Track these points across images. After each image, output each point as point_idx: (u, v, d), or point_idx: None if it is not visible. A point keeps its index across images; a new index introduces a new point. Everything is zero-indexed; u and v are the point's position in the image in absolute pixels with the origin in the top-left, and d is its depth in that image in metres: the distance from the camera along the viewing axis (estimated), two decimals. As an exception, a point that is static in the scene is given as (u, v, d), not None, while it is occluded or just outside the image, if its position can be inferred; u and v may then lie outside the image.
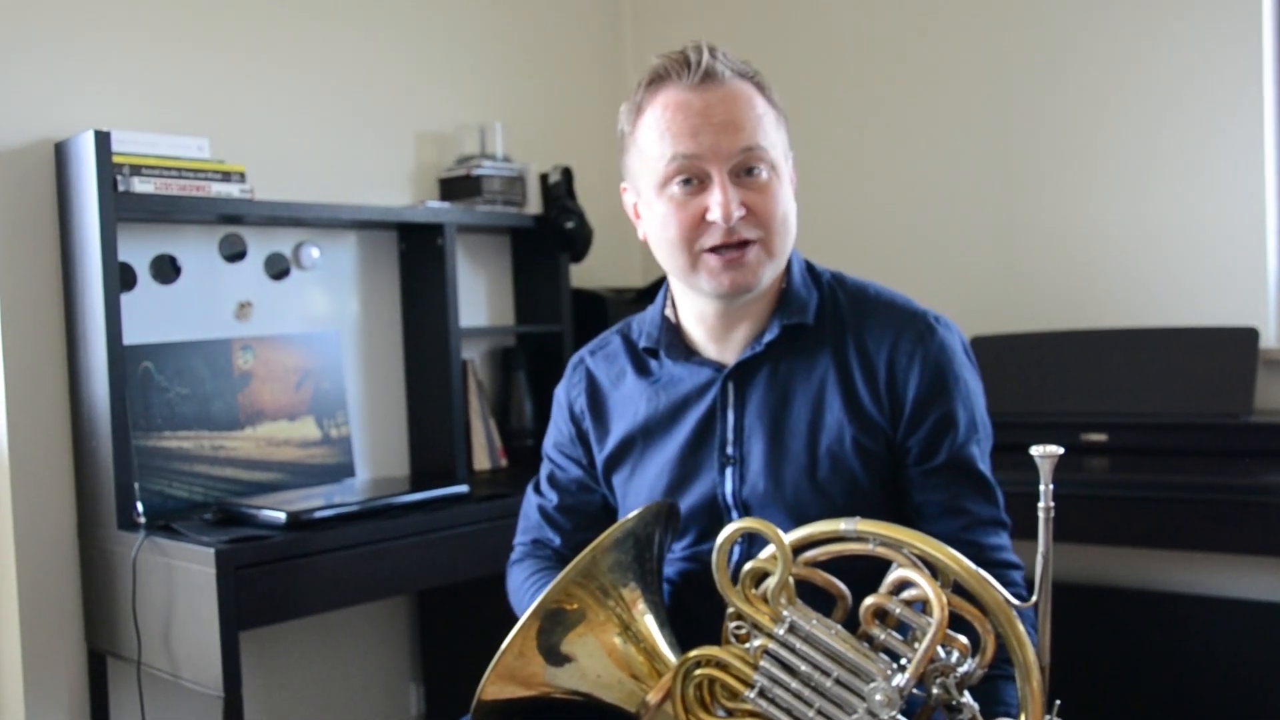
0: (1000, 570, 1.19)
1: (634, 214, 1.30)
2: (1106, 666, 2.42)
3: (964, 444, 1.21)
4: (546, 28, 3.07)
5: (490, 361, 2.87)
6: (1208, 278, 2.43)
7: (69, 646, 2.13)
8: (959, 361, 1.23)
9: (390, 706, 2.71)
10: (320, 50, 2.56)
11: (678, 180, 1.19)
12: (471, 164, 2.70)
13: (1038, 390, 2.42)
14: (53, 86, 2.13)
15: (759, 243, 1.19)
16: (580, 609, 1.09)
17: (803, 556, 1.05)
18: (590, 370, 1.39)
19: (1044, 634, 0.98)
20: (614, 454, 1.34)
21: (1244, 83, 2.37)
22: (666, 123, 1.19)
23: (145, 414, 2.15)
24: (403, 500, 2.13)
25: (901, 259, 2.84)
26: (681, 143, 1.17)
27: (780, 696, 1.01)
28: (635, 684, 1.09)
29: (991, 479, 1.24)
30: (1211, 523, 1.99)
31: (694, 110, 1.17)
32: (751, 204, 1.18)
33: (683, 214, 1.19)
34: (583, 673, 1.10)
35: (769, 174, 1.20)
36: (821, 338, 1.26)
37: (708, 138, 1.17)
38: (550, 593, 1.07)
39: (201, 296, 2.32)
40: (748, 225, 1.18)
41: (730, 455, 1.26)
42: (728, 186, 1.17)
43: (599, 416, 1.36)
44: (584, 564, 1.08)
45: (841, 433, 1.22)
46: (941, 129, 2.80)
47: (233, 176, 2.20)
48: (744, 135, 1.17)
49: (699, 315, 1.28)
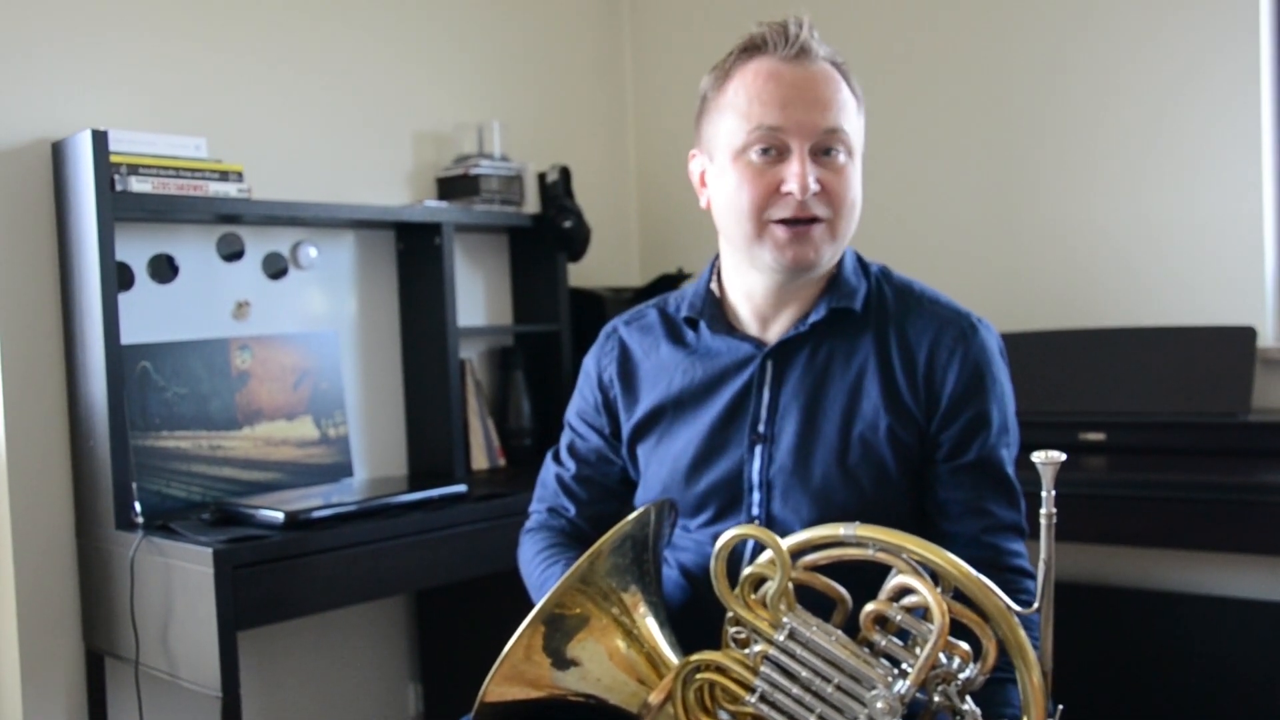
0: (1014, 577, 1.20)
1: (700, 182, 1.30)
2: (1105, 666, 2.42)
3: (995, 445, 1.22)
4: (544, 27, 3.07)
5: (488, 361, 2.86)
6: (1205, 277, 2.44)
7: (67, 646, 2.13)
8: (996, 364, 1.25)
9: (389, 706, 2.71)
10: (318, 49, 2.55)
11: (757, 148, 1.20)
12: (469, 163, 2.70)
13: (1036, 389, 2.42)
14: (50, 86, 2.13)
15: (826, 222, 1.21)
16: (581, 613, 1.09)
17: (802, 561, 1.05)
18: (624, 339, 1.40)
19: (1046, 640, 0.98)
20: (641, 423, 1.34)
21: (1242, 81, 2.38)
22: (757, 90, 1.19)
23: (143, 414, 2.15)
24: (401, 500, 2.13)
25: (900, 258, 2.81)
26: (770, 113, 1.18)
27: (781, 701, 1.01)
28: (637, 685, 1.09)
29: (1016, 484, 1.25)
30: (1209, 522, 1.99)
31: (785, 82, 1.19)
32: (826, 183, 1.19)
33: (759, 181, 1.20)
34: (584, 675, 1.10)
35: (845, 158, 1.22)
36: (865, 326, 1.26)
37: (795, 112, 1.18)
38: (550, 598, 1.07)
39: (199, 296, 2.31)
40: (819, 202, 1.19)
41: (762, 433, 1.26)
42: (806, 161, 1.18)
43: (629, 385, 1.37)
44: (583, 569, 1.08)
45: (876, 420, 1.22)
46: (939, 128, 2.80)
47: (230, 176, 2.19)
48: (830, 115, 1.19)
49: (747, 292, 1.29)
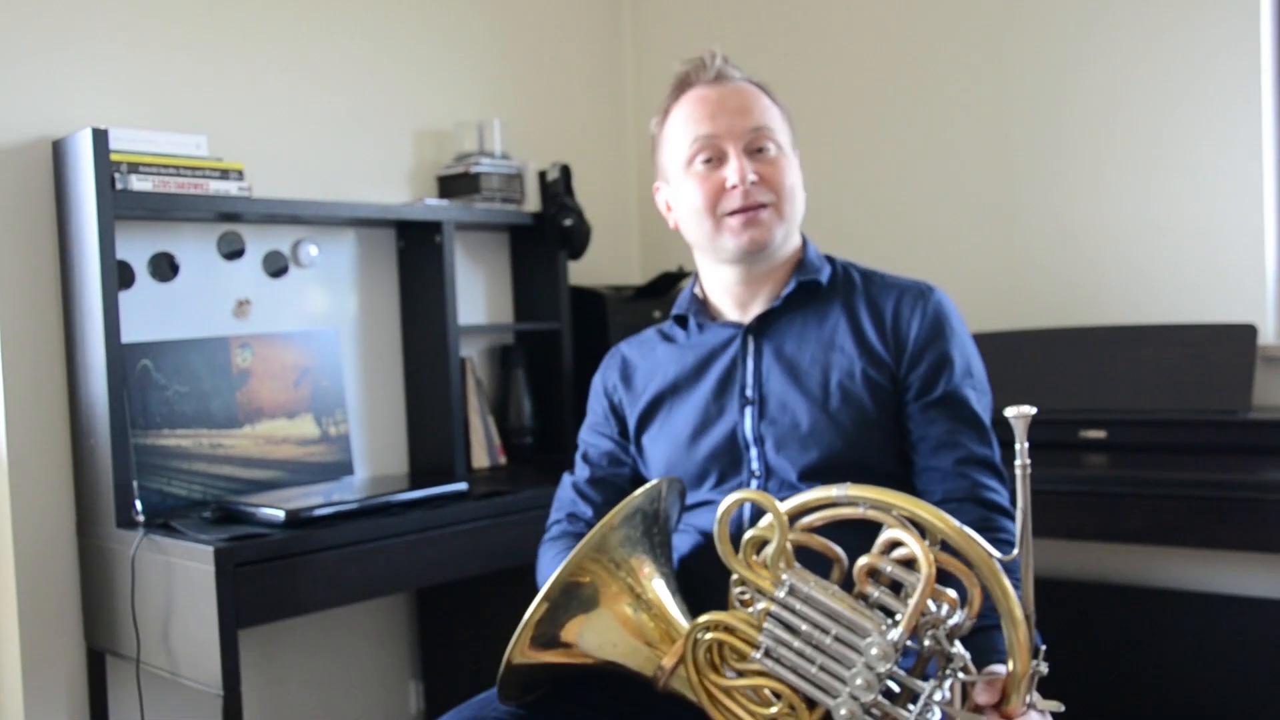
0: (992, 514, 1.30)
1: (666, 209, 1.50)
2: (1105, 662, 2.42)
3: (959, 384, 1.36)
4: (545, 25, 3.07)
5: (489, 359, 2.86)
6: (1206, 274, 2.43)
7: (68, 645, 2.13)
8: (955, 319, 1.41)
9: (389, 704, 2.71)
10: (319, 47, 2.55)
11: (700, 158, 1.40)
12: (470, 161, 2.70)
13: (1036, 387, 2.42)
14: (50, 84, 2.13)
15: (771, 206, 1.39)
16: (594, 582, 1.16)
17: (799, 523, 1.11)
18: (624, 353, 1.58)
19: (1027, 585, 1.03)
20: (645, 413, 1.50)
21: (1243, 79, 2.37)
22: (689, 114, 1.42)
23: (144, 412, 2.15)
24: (401, 498, 2.13)
25: (900, 256, 2.83)
26: (703, 125, 1.40)
27: (784, 655, 1.07)
28: (650, 650, 1.16)
29: (987, 425, 1.37)
30: (1210, 519, 1.99)
31: (711, 100, 1.41)
32: (763, 173, 1.39)
33: (707, 184, 1.40)
34: (600, 642, 1.17)
35: (777, 152, 1.41)
36: (833, 296, 1.45)
37: (723, 120, 1.39)
38: (567, 566, 1.14)
39: (200, 294, 2.31)
40: (761, 190, 1.38)
41: (749, 397, 1.42)
42: (742, 157, 1.38)
43: (630, 385, 1.53)
44: (596, 539, 1.15)
45: (852, 366, 1.38)
46: (941, 127, 2.80)
47: (231, 174, 2.19)
48: (753, 117, 1.40)
49: (725, 285, 1.47)
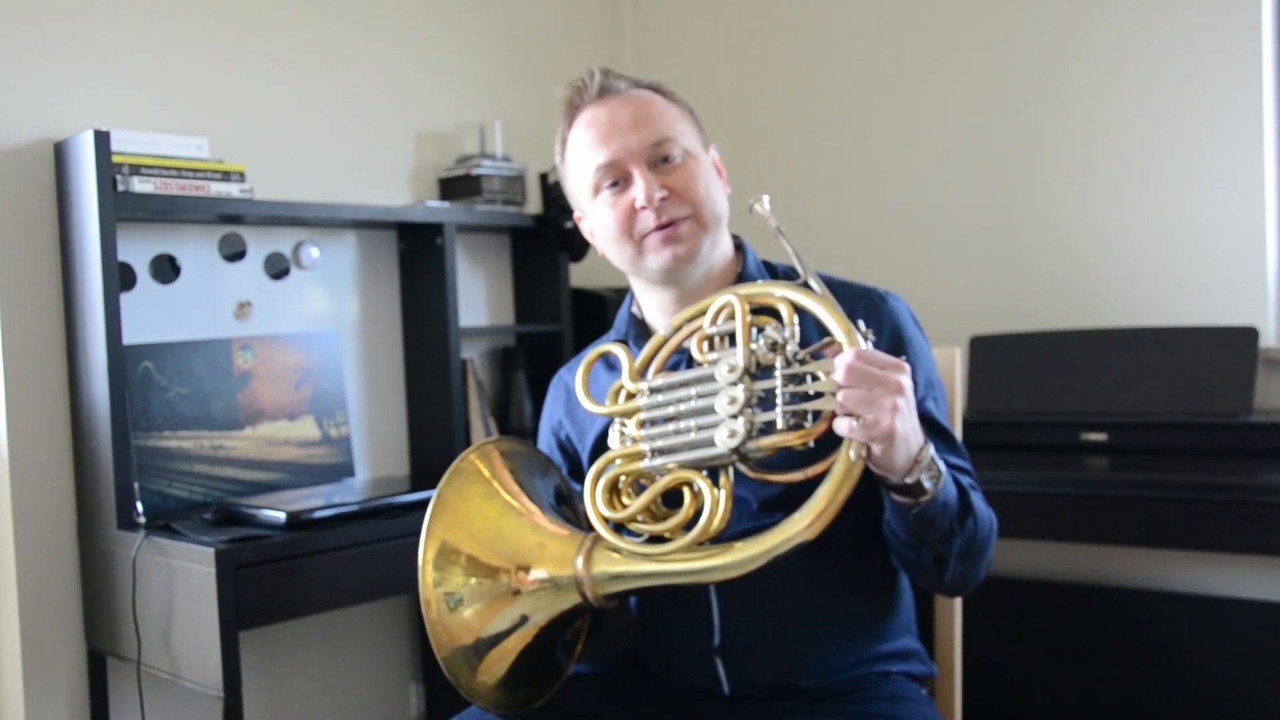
0: (959, 475, 1.26)
1: (591, 238, 1.40)
2: (1105, 666, 2.42)
3: (922, 400, 1.29)
4: (546, 26, 3.07)
5: (490, 361, 2.87)
6: (1207, 277, 2.43)
7: (69, 646, 2.13)
8: (910, 328, 1.34)
9: (390, 706, 2.71)
10: (320, 49, 2.56)
11: (605, 184, 1.31)
12: (471, 163, 2.70)
13: (1037, 390, 2.42)
14: (52, 86, 2.13)
15: (689, 218, 1.29)
16: (485, 494, 1.21)
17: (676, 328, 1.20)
18: (565, 381, 1.48)
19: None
20: (595, 448, 1.41)
21: (1243, 81, 2.37)
22: (583, 140, 1.32)
23: (145, 414, 2.16)
24: (402, 500, 2.13)
25: (900, 258, 2.84)
26: (599, 152, 1.30)
27: (667, 442, 1.12)
28: (561, 546, 1.17)
29: (954, 434, 1.33)
30: (1211, 522, 1.99)
31: (601, 121, 1.30)
32: (672, 185, 1.29)
33: (617, 208, 1.30)
34: (515, 549, 1.18)
35: (684, 157, 1.30)
36: None
37: (618, 140, 1.29)
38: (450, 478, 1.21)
39: (201, 296, 2.32)
40: (673, 204, 1.28)
41: None
42: (647, 175, 1.28)
43: (575, 419, 1.44)
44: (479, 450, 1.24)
45: None
46: (941, 129, 2.79)
47: (232, 176, 2.20)
48: (648, 130, 1.29)
49: (660, 306, 1.37)
